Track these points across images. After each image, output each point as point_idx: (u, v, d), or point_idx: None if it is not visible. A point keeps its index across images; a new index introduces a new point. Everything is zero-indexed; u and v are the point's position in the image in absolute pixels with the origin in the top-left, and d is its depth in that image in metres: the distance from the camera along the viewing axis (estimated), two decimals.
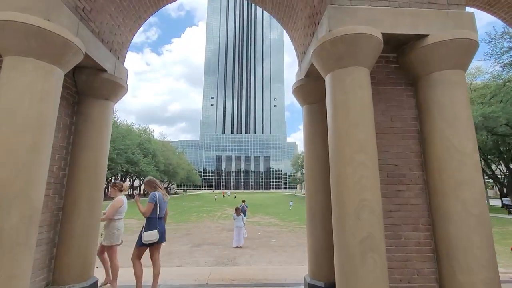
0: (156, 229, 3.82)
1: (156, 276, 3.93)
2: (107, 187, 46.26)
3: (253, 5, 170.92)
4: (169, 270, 5.93)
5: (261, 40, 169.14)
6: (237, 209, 11.49)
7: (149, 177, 4.22)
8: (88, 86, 3.88)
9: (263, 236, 13.62)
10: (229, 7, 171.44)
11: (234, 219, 11.36)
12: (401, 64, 3.37)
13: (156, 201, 3.91)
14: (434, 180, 2.91)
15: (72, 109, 3.84)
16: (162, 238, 3.95)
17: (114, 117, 40.49)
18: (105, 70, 3.96)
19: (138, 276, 3.81)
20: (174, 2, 4.66)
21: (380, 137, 3.15)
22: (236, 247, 10.73)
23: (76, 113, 3.90)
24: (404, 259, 2.93)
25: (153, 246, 3.94)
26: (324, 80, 3.71)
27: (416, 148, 3.19)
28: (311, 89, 4.09)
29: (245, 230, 11.57)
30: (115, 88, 4.10)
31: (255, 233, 14.45)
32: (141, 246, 3.86)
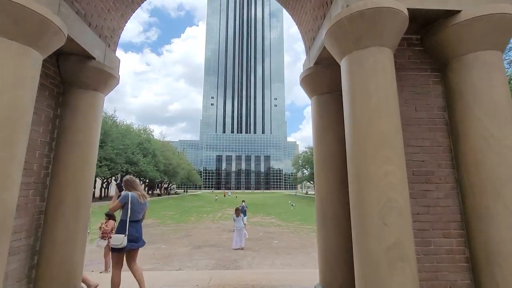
0: (124, 234, 3.45)
1: (141, 283, 3.56)
2: (107, 187, 45.91)
3: (253, 4, 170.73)
4: (167, 275, 5.57)
5: (261, 40, 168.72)
6: (237, 210, 11.12)
7: (127, 176, 3.88)
8: (74, 74, 3.48)
9: (265, 237, 13.26)
10: (229, 7, 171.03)
11: (234, 220, 11.00)
12: (426, 46, 2.97)
13: (126, 202, 3.56)
14: (469, 177, 2.52)
15: (56, 100, 3.45)
16: (135, 243, 3.58)
17: (113, 117, 40.01)
18: (93, 58, 3.57)
19: (113, 283, 3.43)
20: (174, 2, 4.26)
21: (404, 129, 2.76)
22: (237, 248, 10.38)
23: (61, 105, 3.51)
24: (434, 269, 2.54)
25: (128, 252, 3.58)
26: (337, 67, 3.34)
27: (445, 142, 2.79)
28: (321, 77, 3.69)
29: (246, 231, 11.20)
30: (105, 78, 3.71)
31: (257, 234, 14.09)
32: (113, 252, 3.50)
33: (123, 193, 3.65)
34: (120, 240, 3.39)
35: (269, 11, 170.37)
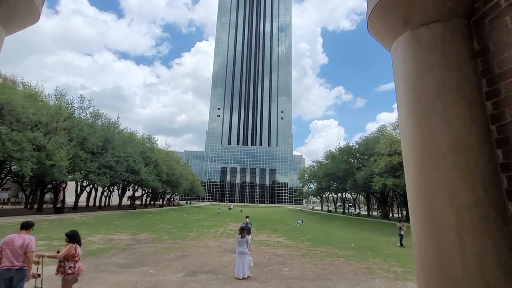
0: None
1: None
2: (108, 195, 43.39)
3: (262, 19, 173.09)
4: None
5: (269, 53, 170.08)
6: (241, 230, 9.08)
7: None
8: None
9: (273, 261, 11.17)
10: (238, 22, 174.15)
11: (237, 241, 8.94)
12: None
13: None
14: None
15: None
16: None
17: (117, 123, 38.41)
18: None
19: None
20: (185, 19, 2.64)
21: None
22: (240, 278, 8.35)
23: None
24: None
25: None
26: None
27: None
28: None
29: (251, 257, 9.09)
30: None
31: (263, 257, 12.00)
32: None
33: None
34: None
35: (277, 26, 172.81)
